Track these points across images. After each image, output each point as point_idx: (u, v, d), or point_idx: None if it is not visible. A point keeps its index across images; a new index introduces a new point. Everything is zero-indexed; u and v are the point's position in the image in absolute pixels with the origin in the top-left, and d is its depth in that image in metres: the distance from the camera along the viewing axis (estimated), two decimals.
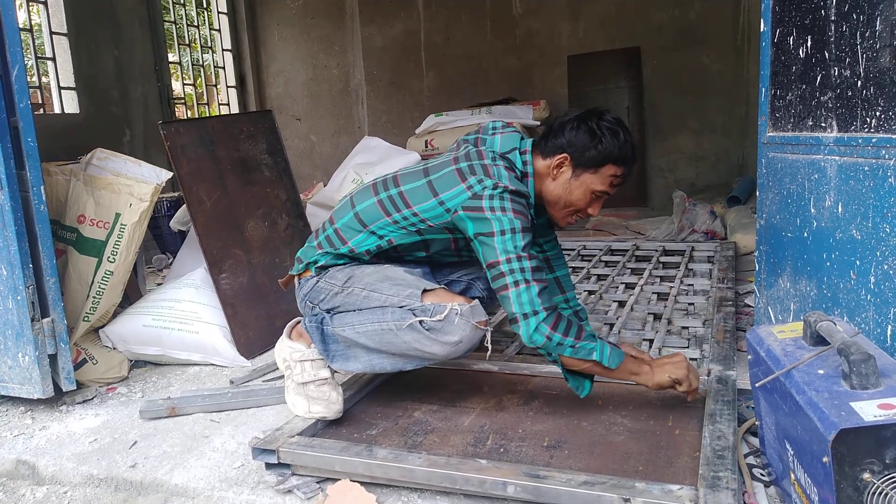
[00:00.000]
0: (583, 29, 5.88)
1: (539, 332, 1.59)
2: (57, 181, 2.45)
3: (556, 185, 1.77)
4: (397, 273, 1.75)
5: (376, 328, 1.68)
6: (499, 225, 1.62)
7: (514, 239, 1.61)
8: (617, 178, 1.75)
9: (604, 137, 1.70)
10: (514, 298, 1.60)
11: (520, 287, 1.60)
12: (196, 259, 2.77)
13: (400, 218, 1.74)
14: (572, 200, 1.77)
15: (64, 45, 4.99)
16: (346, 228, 1.81)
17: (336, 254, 1.80)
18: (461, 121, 4.91)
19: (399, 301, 1.68)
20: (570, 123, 1.75)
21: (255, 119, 3.00)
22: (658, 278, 3.13)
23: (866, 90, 1.47)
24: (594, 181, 1.74)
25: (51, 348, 2.09)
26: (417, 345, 1.65)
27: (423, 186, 1.73)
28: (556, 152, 1.75)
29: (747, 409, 1.79)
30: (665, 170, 5.91)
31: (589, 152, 1.71)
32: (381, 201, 1.77)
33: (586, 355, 1.62)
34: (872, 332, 1.45)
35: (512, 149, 1.78)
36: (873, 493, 1.05)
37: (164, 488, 1.68)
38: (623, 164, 1.74)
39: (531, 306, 1.59)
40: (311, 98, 6.87)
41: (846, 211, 1.54)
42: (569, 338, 1.60)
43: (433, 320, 1.63)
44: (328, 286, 1.78)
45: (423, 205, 1.72)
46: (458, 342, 1.64)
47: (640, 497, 1.28)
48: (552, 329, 1.59)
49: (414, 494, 1.51)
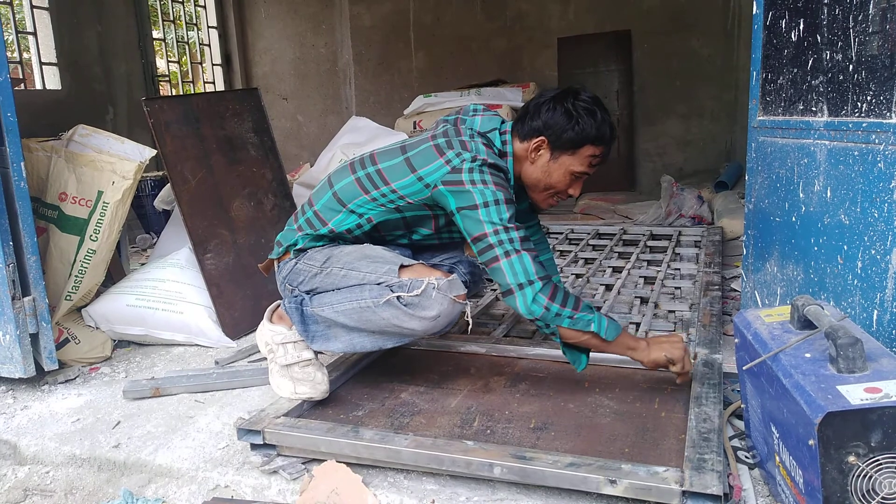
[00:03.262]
0: (573, 11, 5.85)
1: (537, 303, 1.56)
2: (38, 158, 2.40)
3: (535, 169, 1.75)
4: (375, 251, 1.73)
5: (354, 306, 1.66)
6: (481, 197, 1.59)
7: (499, 210, 1.59)
8: (596, 158, 1.73)
9: (581, 118, 1.68)
10: (506, 269, 1.57)
11: (511, 257, 1.57)
12: (181, 238, 2.74)
13: (379, 195, 1.73)
14: (552, 183, 1.76)
15: (45, 19, 4.89)
16: (326, 209, 1.79)
17: (316, 235, 1.79)
18: (450, 102, 4.87)
19: (376, 278, 1.66)
20: (545, 105, 1.72)
21: (241, 97, 2.96)
22: (645, 262, 3.13)
23: (857, 74, 1.47)
24: (573, 163, 1.72)
25: (32, 327, 2.07)
26: (396, 321, 1.63)
27: (401, 163, 1.72)
28: (534, 135, 1.73)
29: (733, 392, 1.80)
30: (653, 154, 5.92)
31: (566, 134, 1.69)
32: (359, 179, 1.76)
33: (584, 326, 1.59)
34: (859, 317, 1.46)
35: (492, 129, 1.76)
36: (858, 476, 1.06)
37: (148, 468, 1.66)
38: (601, 143, 1.71)
39: (525, 276, 1.56)
40: (299, 77, 6.80)
41: (835, 196, 1.54)
42: (567, 308, 1.57)
43: (410, 295, 1.61)
44: (307, 267, 1.77)
45: (401, 181, 1.70)
46: (436, 317, 1.62)
47: (626, 478, 1.28)
48: (550, 299, 1.56)
49: (400, 475, 1.51)
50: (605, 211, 4.59)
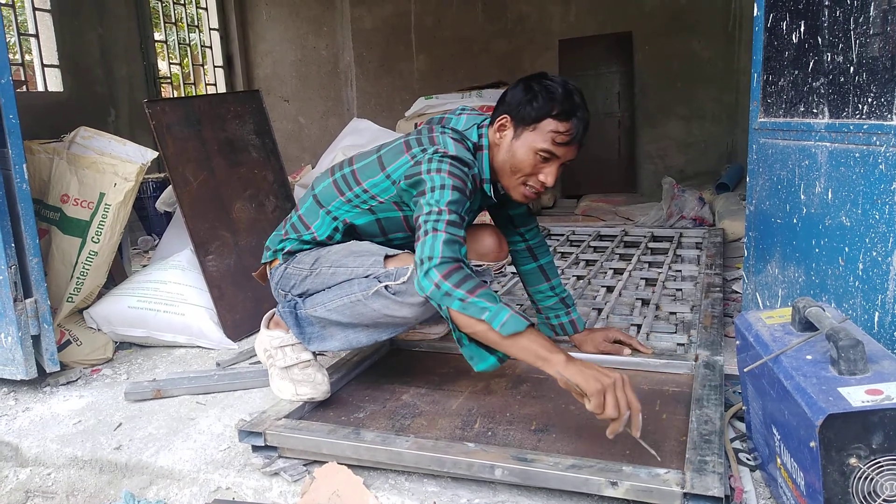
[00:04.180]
0: (574, 13, 5.85)
1: (428, 278, 1.46)
2: (40, 160, 2.41)
3: (501, 150, 1.71)
4: (361, 246, 1.74)
5: (345, 302, 1.66)
6: (430, 182, 1.57)
7: (442, 194, 1.55)
8: (560, 136, 1.63)
9: (541, 92, 1.63)
10: (419, 246, 1.50)
11: (428, 235, 1.50)
12: (182, 240, 2.74)
13: (352, 196, 1.74)
14: (517, 163, 1.67)
15: (47, 21, 4.90)
16: (308, 213, 1.81)
17: (301, 240, 1.80)
18: (451, 104, 4.87)
19: (364, 271, 1.66)
20: (511, 86, 1.70)
21: (243, 99, 2.96)
22: (646, 264, 3.13)
23: (859, 76, 1.47)
24: (535, 139, 1.64)
25: (34, 329, 2.07)
26: (387, 311, 1.63)
27: (374, 162, 1.73)
28: (499, 116, 1.71)
29: (734, 394, 1.80)
30: (655, 156, 5.92)
31: (525, 108, 1.64)
32: (336, 181, 1.78)
33: (476, 313, 1.43)
34: (860, 319, 1.46)
35: (472, 125, 1.75)
36: (859, 478, 1.06)
37: (149, 470, 1.66)
38: (565, 118, 1.62)
39: (430, 251, 1.48)
40: (300, 79, 6.81)
41: (836, 197, 1.54)
42: (459, 290, 1.44)
43: (397, 283, 1.60)
44: (297, 271, 1.77)
45: (371, 180, 1.71)
46: (424, 302, 1.58)
47: (628, 480, 1.28)
48: (443, 277, 1.45)
49: (402, 477, 1.50)
50: (606, 213, 4.59)
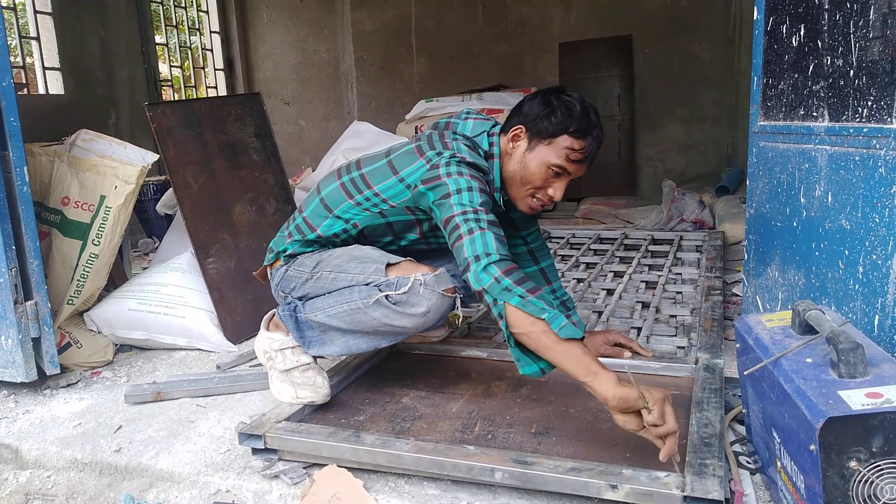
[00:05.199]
0: (574, 16, 5.86)
1: (487, 272, 1.45)
2: (41, 162, 2.41)
3: (513, 161, 1.71)
4: (364, 251, 1.73)
5: (346, 308, 1.66)
6: (455, 185, 1.57)
7: (472, 196, 1.55)
8: (574, 153, 1.65)
9: (560, 107, 1.64)
10: (467, 245, 1.49)
11: (474, 234, 1.50)
12: (182, 243, 2.74)
13: (362, 199, 1.73)
14: (528, 175, 1.69)
15: (48, 24, 4.91)
16: (314, 215, 1.80)
17: (305, 241, 1.79)
18: (451, 107, 4.88)
19: (365, 278, 1.65)
20: (528, 98, 1.71)
21: (243, 102, 2.97)
22: (646, 267, 3.13)
23: (858, 80, 1.47)
24: (549, 154, 1.66)
25: (34, 331, 2.07)
26: (387, 320, 1.63)
27: (384, 166, 1.72)
28: (513, 126, 1.71)
29: (734, 397, 1.80)
30: (655, 159, 5.92)
31: (542, 122, 1.65)
32: (344, 184, 1.77)
33: (536, 312, 1.39)
34: (860, 322, 1.46)
35: (481, 132, 1.75)
36: (859, 482, 1.06)
37: (149, 473, 1.66)
38: (580, 136, 1.64)
39: (485, 248, 1.48)
40: (301, 82, 6.81)
41: (836, 200, 1.54)
42: (520, 287, 1.42)
43: (398, 293, 1.59)
44: (298, 274, 1.77)
45: (383, 184, 1.70)
46: (425, 313, 1.60)
47: (628, 483, 1.28)
48: (503, 273, 1.44)
49: (401, 480, 1.50)
50: (606, 215, 4.59)
